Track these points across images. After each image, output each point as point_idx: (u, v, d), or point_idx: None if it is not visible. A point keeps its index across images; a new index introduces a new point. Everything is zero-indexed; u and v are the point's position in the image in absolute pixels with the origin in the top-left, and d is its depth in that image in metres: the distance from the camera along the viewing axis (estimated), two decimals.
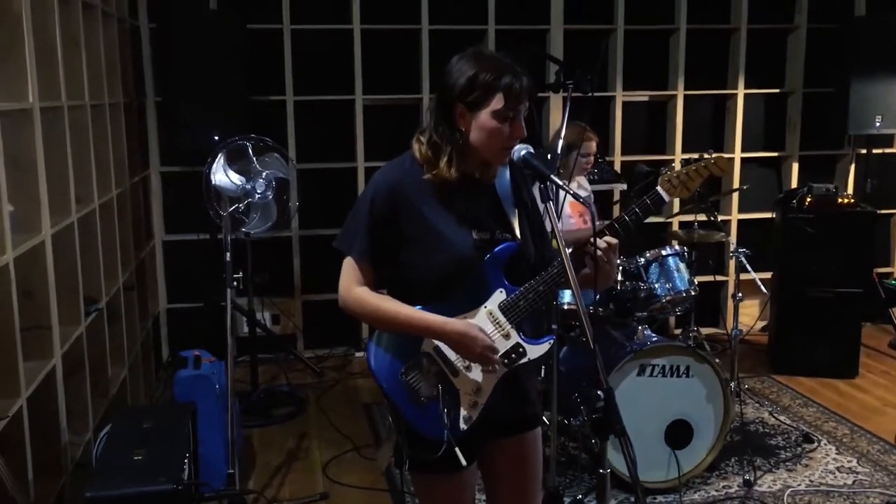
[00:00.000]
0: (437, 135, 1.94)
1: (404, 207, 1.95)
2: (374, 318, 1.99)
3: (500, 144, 1.93)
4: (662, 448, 3.48)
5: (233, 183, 3.96)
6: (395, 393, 1.97)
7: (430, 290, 1.96)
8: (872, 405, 4.47)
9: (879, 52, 5.20)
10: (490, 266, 1.96)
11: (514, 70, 1.91)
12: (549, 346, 2.00)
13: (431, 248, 1.94)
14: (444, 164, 1.93)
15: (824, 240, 4.81)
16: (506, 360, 1.96)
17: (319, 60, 5.26)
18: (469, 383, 1.96)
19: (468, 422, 1.96)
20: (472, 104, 1.90)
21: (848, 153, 5.83)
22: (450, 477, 2.03)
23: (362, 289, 1.99)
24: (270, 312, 5.31)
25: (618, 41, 5.42)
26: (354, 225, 1.99)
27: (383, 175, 2.01)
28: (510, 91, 1.88)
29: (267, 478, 3.74)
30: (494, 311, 1.96)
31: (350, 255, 1.99)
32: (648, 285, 3.69)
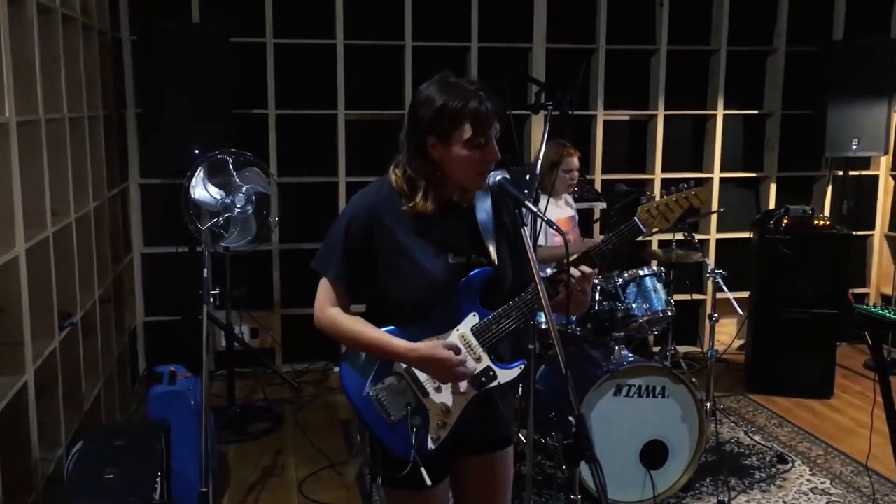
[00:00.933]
0: (412, 169, 1.94)
1: (380, 233, 1.97)
2: (345, 339, 2.03)
3: (475, 171, 1.94)
4: (638, 468, 3.49)
5: (212, 197, 3.96)
6: (367, 411, 2.00)
7: (406, 313, 1.99)
8: (847, 426, 4.51)
9: (856, 75, 5.26)
10: (464, 290, 1.98)
11: (479, 95, 1.91)
12: (520, 370, 2.01)
13: (407, 274, 1.96)
14: (421, 198, 1.94)
15: (801, 261, 4.85)
16: (476, 382, 1.98)
17: (302, 75, 5.26)
18: (439, 404, 1.99)
19: (437, 442, 1.98)
20: (443, 135, 1.90)
21: (825, 175, 5.90)
22: (419, 493, 2.03)
23: (335, 310, 2.01)
24: (249, 326, 5.28)
25: (599, 60, 5.47)
26: (331, 247, 2.01)
27: (361, 199, 2.02)
28: (477, 117, 1.89)
29: (241, 495, 3.72)
30: (467, 334, 1.98)
31: (325, 276, 2.02)
32: (626, 305, 3.71)
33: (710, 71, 5.72)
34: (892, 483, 3.68)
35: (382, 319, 2.00)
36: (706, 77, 5.74)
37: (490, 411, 2.07)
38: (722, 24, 5.57)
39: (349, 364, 2.04)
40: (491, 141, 1.93)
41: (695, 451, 3.56)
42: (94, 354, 3.88)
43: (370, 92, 5.31)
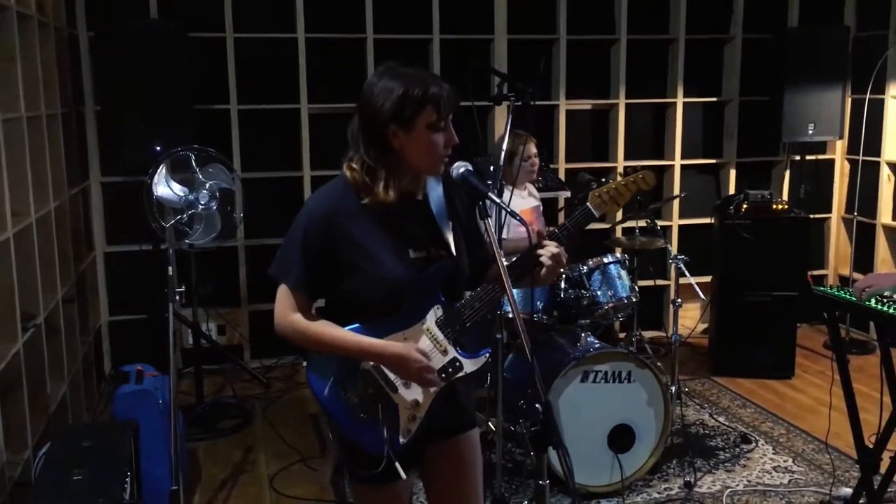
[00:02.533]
0: (372, 160, 1.94)
1: (339, 236, 1.95)
2: (310, 343, 2.00)
3: (437, 155, 1.96)
4: (606, 452, 3.55)
5: (175, 194, 3.94)
6: (335, 410, 2.00)
7: (370, 312, 1.98)
8: (808, 405, 4.62)
9: (811, 62, 5.36)
10: (427, 284, 1.99)
11: (437, 81, 1.94)
12: (486, 359, 2.04)
13: (369, 273, 1.95)
14: (382, 188, 1.93)
15: (761, 244, 4.95)
16: (443, 374, 2.00)
17: (264, 69, 5.23)
18: (408, 399, 2.00)
19: (407, 436, 2.00)
20: (406, 122, 1.90)
21: (782, 160, 6.01)
22: (388, 487, 2.05)
23: (297, 315, 1.99)
24: (216, 323, 5.26)
25: (561, 51, 5.51)
26: (288, 253, 1.99)
27: (315, 203, 2.02)
28: (440, 101, 1.91)
29: (212, 492, 3.71)
30: (432, 327, 1.99)
31: (285, 283, 1.99)
32: (591, 293, 3.76)
33: (669, 60, 5.79)
34: (851, 459, 3.78)
35: (345, 317, 1.99)
36: (665, 66, 5.81)
37: (454, 401, 2.10)
38: (680, 13, 5.64)
39: (315, 365, 2.03)
40: (450, 125, 1.96)
41: (661, 434, 3.63)
42: (59, 356, 3.84)
43: (333, 85, 5.29)
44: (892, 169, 5.65)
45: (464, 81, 5.29)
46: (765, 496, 3.57)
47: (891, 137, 5.59)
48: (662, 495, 3.58)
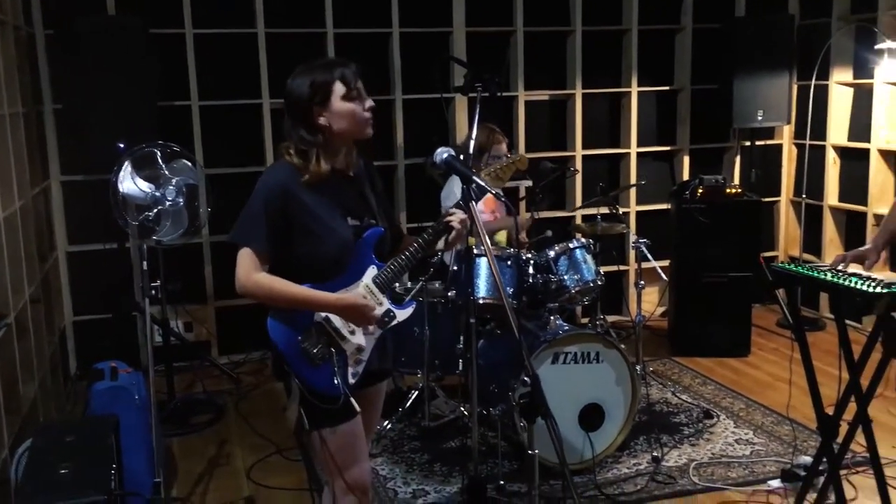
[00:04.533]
0: (304, 143, 2.27)
1: (293, 203, 2.25)
2: (276, 299, 2.27)
3: (361, 118, 2.30)
4: (577, 431, 3.66)
5: (141, 191, 3.93)
6: (294, 358, 2.28)
7: (318, 272, 2.28)
8: (764, 380, 4.80)
9: (758, 50, 5.55)
10: (364, 248, 2.32)
11: (339, 61, 2.30)
12: (412, 309, 2.39)
13: (320, 237, 2.26)
14: (315, 163, 2.26)
15: (715, 228, 5.12)
16: (381, 323, 2.35)
17: (225, 65, 5.23)
18: (354, 345, 2.32)
19: (356, 376, 2.33)
20: (322, 101, 2.24)
21: (733, 146, 6.20)
22: (346, 427, 2.36)
23: (260, 274, 2.26)
24: (183, 320, 5.25)
25: (518, 43, 5.60)
26: (250, 219, 2.26)
27: (270, 176, 2.32)
28: (343, 75, 2.26)
29: (190, 486, 3.73)
30: (370, 284, 2.32)
31: (248, 247, 2.26)
32: (558, 277, 3.86)
33: (623, 50, 5.93)
34: (809, 430, 3.96)
35: (296, 279, 2.26)
36: (620, 56, 5.95)
37: (384, 348, 2.44)
38: (632, 4, 5.78)
39: (276, 318, 2.30)
40: (363, 92, 2.30)
41: (629, 412, 3.75)
42: (29, 356, 3.82)
43: None
44: (838, 152, 5.87)
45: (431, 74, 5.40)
46: (729, 467, 3.72)
47: (835, 122, 5.82)
48: (632, 470, 3.71)
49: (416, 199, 5.50)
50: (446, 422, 4.19)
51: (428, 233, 2.34)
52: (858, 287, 2.63)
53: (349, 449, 2.39)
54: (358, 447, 2.43)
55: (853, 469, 3.56)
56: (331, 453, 2.37)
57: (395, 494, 3.56)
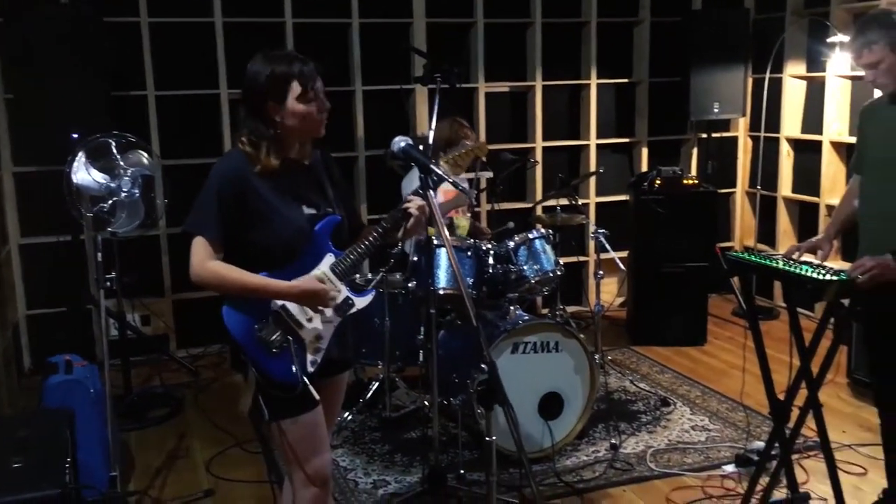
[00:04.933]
0: (256, 135, 2.25)
1: (249, 191, 2.24)
2: (229, 287, 2.25)
3: (314, 120, 2.28)
4: (537, 420, 3.69)
5: (96, 182, 3.87)
6: (251, 347, 2.26)
7: (273, 260, 2.27)
8: (720, 368, 4.89)
9: (715, 43, 5.63)
10: (320, 236, 2.31)
11: (300, 58, 2.26)
12: (372, 297, 2.40)
13: (275, 223, 2.25)
14: (265, 156, 2.24)
15: (673, 218, 5.19)
16: (338, 311, 2.33)
17: (181, 54, 5.16)
18: (312, 333, 2.30)
19: (314, 364, 2.31)
20: (277, 97, 2.22)
21: (691, 138, 6.29)
22: (306, 417, 2.34)
23: (214, 263, 2.25)
24: (140, 314, 5.18)
25: (478, 34, 5.61)
26: (204, 208, 2.25)
27: (224, 165, 2.31)
28: (303, 75, 2.23)
29: (148, 480, 3.69)
30: (327, 272, 2.31)
31: (202, 236, 2.24)
32: (518, 268, 3.89)
33: (582, 42, 5.97)
34: (762, 416, 4.04)
35: (251, 268, 2.25)
36: (579, 49, 5.99)
37: (343, 336, 2.42)
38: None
39: (231, 307, 2.27)
40: (320, 93, 2.28)
41: (588, 401, 3.79)
42: None
43: None
44: (791, 145, 5.98)
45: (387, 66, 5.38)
46: (685, 453, 3.79)
47: (789, 115, 5.92)
48: (591, 458, 3.75)
49: (377, 190, 5.48)
50: (407, 412, 4.20)
51: (386, 220, 2.33)
52: (809, 275, 2.70)
53: (310, 440, 2.37)
54: (318, 438, 2.40)
55: (805, 453, 3.64)
56: (291, 444, 2.35)
57: (355, 485, 3.56)
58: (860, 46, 2.80)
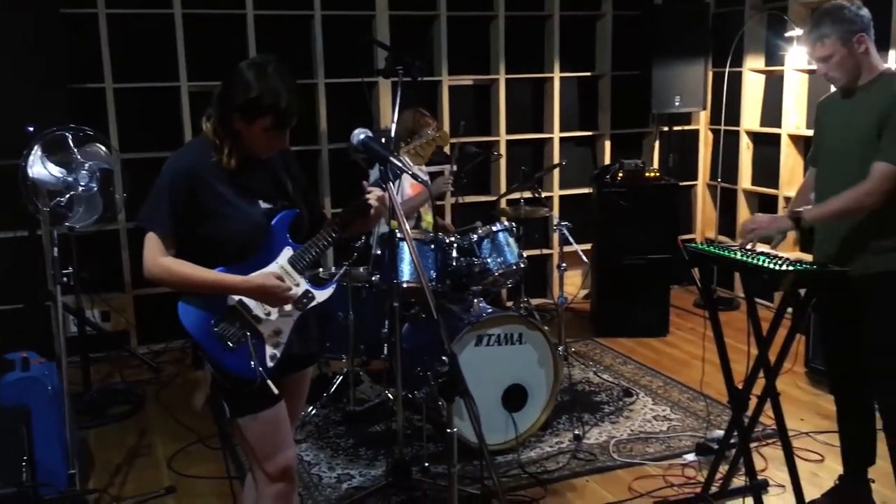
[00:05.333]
0: (219, 132, 2.22)
1: (202, 186, 2.21)
2: (182, 284, 2.23)
3: (266, 150, 2.29)
4: (501, 412, 3.71)
5: (52, 175, 3.80)
6: (208, 343, 2.23)
7: (230, 255, 2.24)
8: (682, 359, 4.95)
9: (676, 37, 5.69)
10: (277, 229, 2.29)
11: (289, 97, 2.19)
12: (332, 290, 2.37)
13: (229, 219, 2.22)
14: (225, 156, 2.23)
15: (635, 211, 5.24)
16: (298, 305, 2.31)
17: (140, 46, 5.08)
18: (271, 327, 2.28)
19: (274, 359, 2.28)
20: (247, 118, 2.19)
21: (652, 131, 6.35)
22: (272, 409, 2.30)
23: (167, 258, 2.21)
24: (100, 309, 5.11)
25: (441, 27, 5.60)
26: (157, 203, 2.22)
27: (178, 158, 2.29)
28: (280, 114, 2.19)
29: (108, 477, 3.64)
30: (285, 265, 2.29)
31: (154, 231, 2.22)
32: (482, 260, 3.89)
33: (545, 36, 5.99)
34: (722, 405, 4.10)
35: (207, 263, 2.22)
36: (542, 42, 6.01)
37: (306, 330, 2.40)
38: None
39: (187, 303, 2.24)
40: (285, 134, 2.27)
41: (551, 392, 3.82)
42: None
43: (214, 63, 5.19)
44: (751, 137, 6.07)
45: (350, 58, 5.35)
46: (647, 443, 3.83)
47: (748, 108, 6.00)
48: (554, 449, 3.78)
49: (341, 184, 5.46)
50: (371, 406, 4.19)
51: (346, 212, 2.31)
52: (766, 265, 2.74)
53: (272, 435, 2.34)
54: (281, 433, 2.37)
55: (764, 441, 3.71)
56: (253, 441, 2.32)
57: (319, 480, 3.55)
58: (813, 40, 2.85)
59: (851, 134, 2.83)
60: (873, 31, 2.85)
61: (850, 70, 2.83)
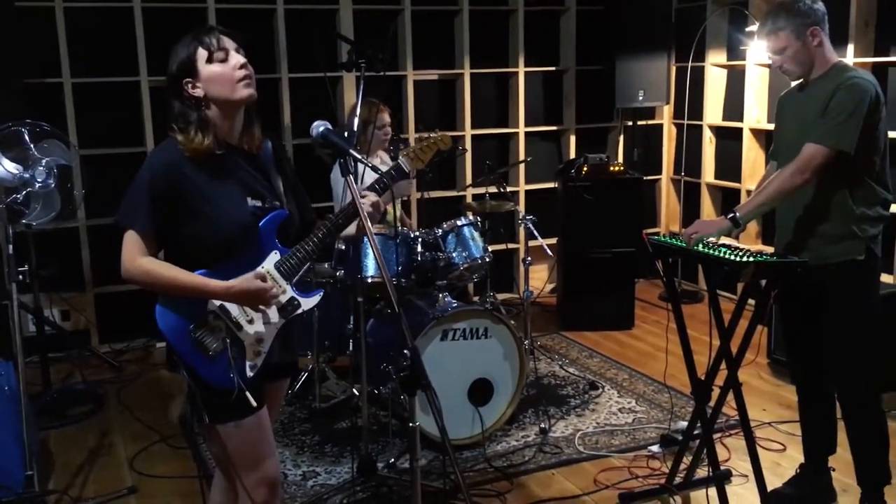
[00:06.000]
0: (182, 118, 2.12)
1: (183, 183, 2.09)
2: (161, 285, 2.11)
3: (231, 79, 2.12)
4: (467, 406, 3.70)
5: (8, 172, 3.74)
6: (186, 349, 2.12)
7: (213, 256, 2.12)
8: (647, 351, 4.98)
9: (639, 32, 5.71)
10: (264, 231, 2.16)
11: (199, 29, 2.16)
12: (319, 297, 2.26)
13: (213, 216, 2.10)
14: (194, 135, 2.10)
15: (600, 205, 5.26)
16: (283, 312, 2.20)
17: (99, 40, 5.00)
18: (252, 335, 2.17)
19: (254, 369, 2.17)
20: (189, 71, 2.10)
21: (617, 125, 6.38)
22: (244, 424, 2.18)
23: (147, 258, 2.10)
24: (59, 308, 5.01)
25: (406, 21, 5.58)
26: (135, 200, 2.10)
27: (156, 156, 2.16)
28: (203, 39, 2.11)
29: (69, 478, 3.58)
30: (271, 270, 2.17)
31: (133, 229, 2.10)
32: (447, 254, 3.89)
33: (510, 31, 6.00)
34: (686, 396, 4.13)
35: (188, 264, 2.11)
36: (507, 36, 6.01)
37: (288, 339, 2.29)
38: None
39: (165, 307, 2.13)
40: (232, 53, 2.13)
41: (517, 386, 3.82)
42: None
43: None
44: (713, 132, 6.12)
45: (312, 52, 5.30)
46: (612, 435, 3.85)
47: (711, 103, 6.06)
48: (520, 443, 3.78)
49: (305, 180, 5.33)
50: (337, 402, 4.17)
51: (337, 216, 2.21)
52: (727, 257, 2.77)
53: (255, 444, 2.22)
54: (264, 441, 2.25)
55: (727, 432, 3.75)
56: (235, 449, 2.20)
57: (284, 478, 3.52)
58: (768, 32, 2.89)
59: (804, 126, 2.87)
60: (828, 25, 2.89)
61: (803, 63, 2.87)
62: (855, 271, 2.87)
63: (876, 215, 2.86)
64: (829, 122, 2.76)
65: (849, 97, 2.75)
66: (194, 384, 2.13)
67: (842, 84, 2.78)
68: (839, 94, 2.76)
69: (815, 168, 2.77)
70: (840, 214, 2.84)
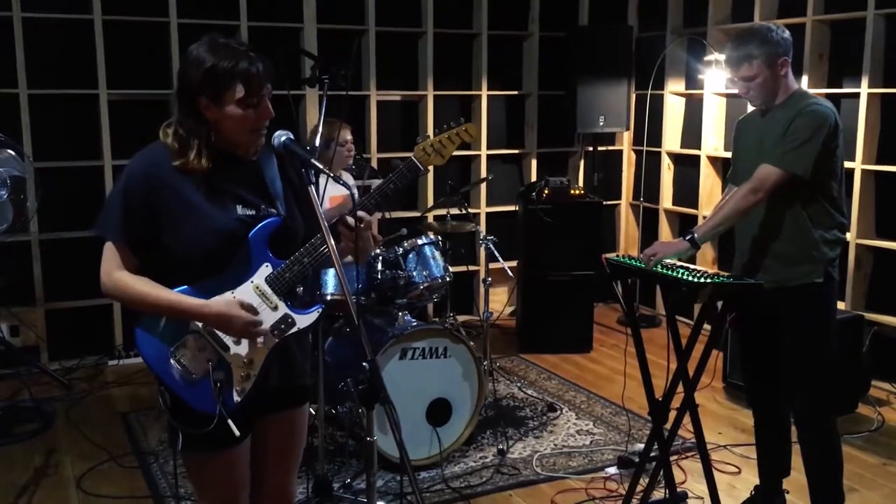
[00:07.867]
0: (184, 129, 1.95)
1: (162, 191, 1.94)
2: (135, 302, 1.97)
3: (249, 129, 1.97)
4: (425, 426, 3.67)
5: None
6: (167, 374, 1.96)
7: (196, 269, 1.96)
8: (605, 374, 5.00)
9: (600, 59, 5.80)
10: (255, 241, 1.98)
11: (249, 56, 1.94)
12: (318, 314, 2.05)
13: (192, 226, 1.94)
14: (194, 157, 1.94)
15: (560, 228, 5.30)
16: (275, 331, 2.00)
17: (58, 52, 4.93)
18: (240, 357, 1.98)
19: (242, 395, 1.98)
20: (214, 96, 1.92)
21: (577, 150, 6.45)
22: (222, 453, 2.04)
23: (122, 273, 1.96)
24: (8, 324, 4.88)
25: (370, 42, 5.59)
26: (111, 210, 1.97)
27: (136, 162, 2.00)
28: (248, 77, 1.92)
29: (12, 498, 3.46)
30: (261, 284, 1.99)
31: (108, 238, 1.97)
32: (407, 273, 3.87)
33: (473, 54, 6.04)
34: (644, 419, 4.15)
35: (170, 278, 1.96)
36: (470, 60, 6.06)
37: (288, 360, 2.10)
38: (482, 8, 5.90)
39: (144, 328, 1.99)
40: (264, 100, 1.97)
41: (476, 407, 3.80)
42: None
43: (135, 71, 5.07)
44: (672, 158, 6.22)
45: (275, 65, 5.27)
46: (570, 457, 3.85)
47: (670, 130, 6.16)
48: (478, 463, 3.76)
49: None
50: None
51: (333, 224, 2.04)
52: (685, 278, 2.79)
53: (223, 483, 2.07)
54: (235, 480, 2.08)
55: (683, 454, 3.76)
56: (201, 485, 2.09)
57: None
58: (739, 59, 2.87)
59: (762, 151, 2.92)
60: None
61: (770, 91, 2.91)
62: (813, 294, 2.91)
63: (833, 238, 2.92)
64: (787, 145, 2.81)
65: (808, 123, 2.81)
66: (173, 408, 1.99)
67: (802, 110, 2.83)
68: (798, 120, 2.81)
69: (767, 189, 2.82)
70: (799, 237, 2.89)
